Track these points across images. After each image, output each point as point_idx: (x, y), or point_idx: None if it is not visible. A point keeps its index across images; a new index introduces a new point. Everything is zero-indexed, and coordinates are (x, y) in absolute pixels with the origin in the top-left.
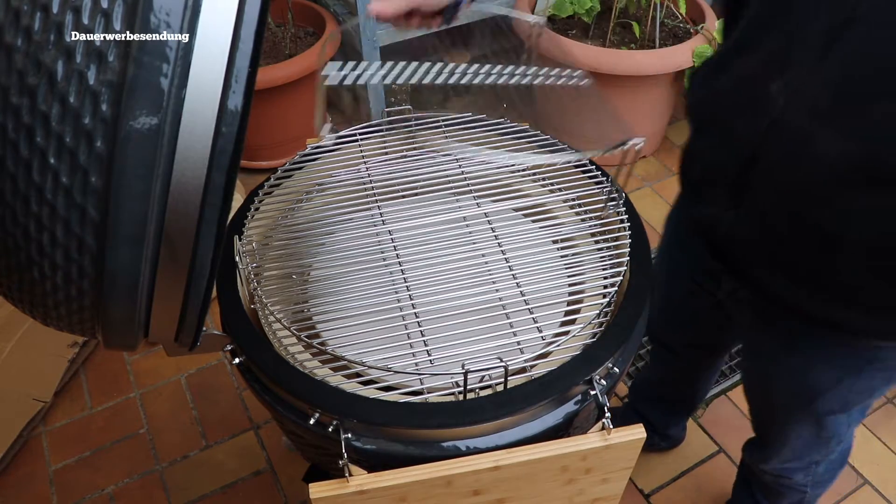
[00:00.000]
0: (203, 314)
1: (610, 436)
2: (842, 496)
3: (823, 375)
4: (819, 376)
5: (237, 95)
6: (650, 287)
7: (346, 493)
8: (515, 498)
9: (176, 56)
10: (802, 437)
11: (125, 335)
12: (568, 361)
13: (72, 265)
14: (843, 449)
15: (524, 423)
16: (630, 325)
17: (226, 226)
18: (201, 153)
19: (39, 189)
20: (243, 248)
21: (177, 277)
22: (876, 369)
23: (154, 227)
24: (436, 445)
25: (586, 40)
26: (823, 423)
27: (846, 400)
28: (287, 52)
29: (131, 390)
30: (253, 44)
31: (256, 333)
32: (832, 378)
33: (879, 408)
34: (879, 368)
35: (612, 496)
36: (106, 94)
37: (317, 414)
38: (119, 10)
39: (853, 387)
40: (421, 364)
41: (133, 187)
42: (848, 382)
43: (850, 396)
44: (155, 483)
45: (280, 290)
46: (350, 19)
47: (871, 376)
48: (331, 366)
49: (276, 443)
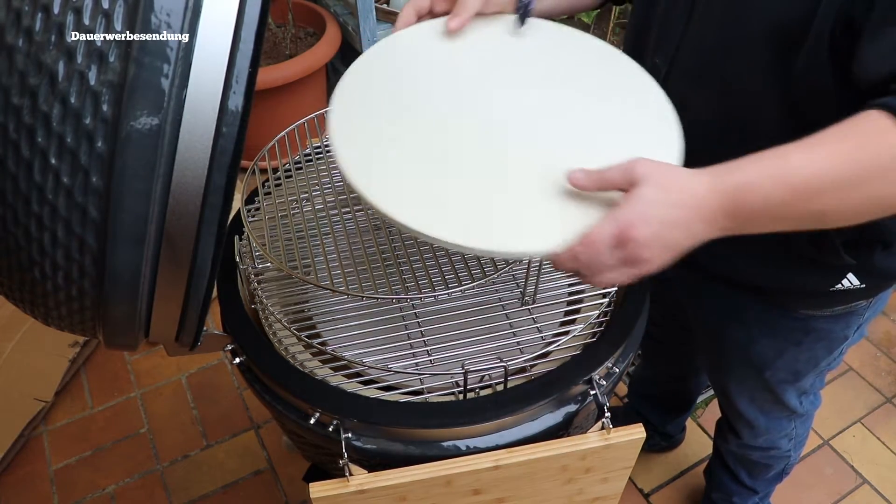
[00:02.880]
0: (203, 314)
1: (609, 435)
2: (841, 496)
3: (767, 348)
4: (763, 349)
5: (238, 96)
6: (650, 287)
7: (347, 492)
8: (515, 497)
9: (177, 56)
10: (765, 408)
11: (126, 335)
12: (568, 361)
13: (72, 265)
14: (815, 406)
15: (524, 423)
16: (630, 325)
17: (226, 226)
18: (202, 153)
19: (40, 189)
20: (243, 249)
21: (177, 277)
22: (814, 339)
23: (155, 228)
24: (436, 445)
25: None
26: (779, 393)
27: (795, 370)
28: (287, 53)
29: (132, 390)
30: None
31: (257, 333)
32: (775, 349)
33: (879, 408)
34: (817, 339)
35: (611, 496)
36: (107, 94)
37: (317, 414)
38: (120, 10)
39: (798, 357)
40: (421, 364)
41: (134, 187)
42: (791, 353)
43: (798, 366)
44: (155, 482)
45: (280, 290)
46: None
47: (810, 347)
48: (331, 366)
49: (277, 442)
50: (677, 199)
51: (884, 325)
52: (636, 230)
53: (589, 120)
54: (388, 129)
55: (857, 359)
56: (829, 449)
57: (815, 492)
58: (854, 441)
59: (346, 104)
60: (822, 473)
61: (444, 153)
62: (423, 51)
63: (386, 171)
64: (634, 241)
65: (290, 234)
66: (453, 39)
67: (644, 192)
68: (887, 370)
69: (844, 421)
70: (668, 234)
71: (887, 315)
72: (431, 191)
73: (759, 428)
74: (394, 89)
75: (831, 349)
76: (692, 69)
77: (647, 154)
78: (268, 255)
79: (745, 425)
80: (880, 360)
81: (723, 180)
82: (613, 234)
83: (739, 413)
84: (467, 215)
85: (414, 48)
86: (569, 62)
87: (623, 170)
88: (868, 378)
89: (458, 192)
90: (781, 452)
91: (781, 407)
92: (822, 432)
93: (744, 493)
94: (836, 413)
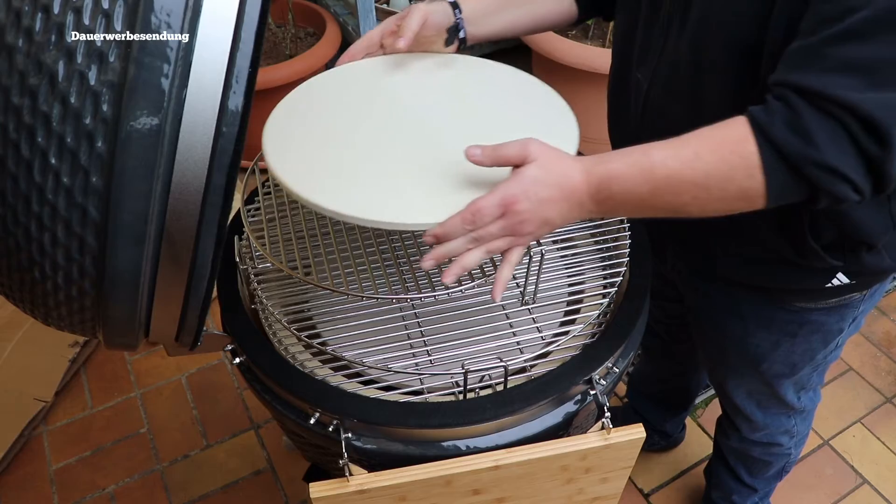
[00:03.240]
0: (204, 314)
1: (609, 435)
2: (841, 495)
3: (762, 340)
4: (759, 342)
5: (238, 96)
6: (650, 287)
7: (347, 492)
8: (515, 497)
9: (177, 56)
10: (763, 402)
11: (126, 335)
12: (568, 361)
13: (73, 265)
14: (814, 403)
15: (524, 423)
16: (630, 324)
17: (226, 226)
18: (202, 153)
19: (40, 189)
20: (243, 248)
21: (177, 277)
22: (808, 332)
23: (155, 227)
24: (436, 445)
25: (586, 41)
26: (775, 387)
27: (791, 362)
28: (287, 53)
29: (132, 390)
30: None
31: (257, 333)
32: (770, 342)
33: (879, 407)
34: (812, 331)
35: (611, 495)
36: (107, 94)
37: (317, 413)
38: (120, 10)
39: (793, 349)
40: (421, 364)
41: (134, 187)
42: (786, 346)
43: (794, 358)
44: (156, 482)
45: (280, 289)
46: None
47: (806, 339)
48: (331, 366)
49: (277, 442)
50: (555, 181)
51: (884, 325)
52: (519, 204)
53: (497, 125)
54: (315, 134)
55: (857, 359)
56: (829, 449)
57: (815, 492)
58: (854, 441)
59: (282, 115)
60: (822, 473)
61: (362, 152)
62: (361, 79)
63: (308, 166)
64: (516, 213)
65: (290, 234)
66: (388, 70)
67: (530, 171)
68: (887, 370)
69: (844, 421)
70: (544, 210)
71: (887, 315)
72: (344, 180)
73: (758, 423)
74: (325, 106)
75: (827, 341)
76: (668, 84)
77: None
78: (268, 255)
79: (743, 420)
80: (880, 360)
81: (595, 169)
82: (498, 204)
83: (737, 408)
84: (371, 197)
85: (353, 77)
86: (485, 83)
87: (518, 146)
88: (868, 378)
89: (368, 181)
90: (782, 450)
91: (779, 402)
92: (822, 432)
93: (743, 492)
94: (836, 413)
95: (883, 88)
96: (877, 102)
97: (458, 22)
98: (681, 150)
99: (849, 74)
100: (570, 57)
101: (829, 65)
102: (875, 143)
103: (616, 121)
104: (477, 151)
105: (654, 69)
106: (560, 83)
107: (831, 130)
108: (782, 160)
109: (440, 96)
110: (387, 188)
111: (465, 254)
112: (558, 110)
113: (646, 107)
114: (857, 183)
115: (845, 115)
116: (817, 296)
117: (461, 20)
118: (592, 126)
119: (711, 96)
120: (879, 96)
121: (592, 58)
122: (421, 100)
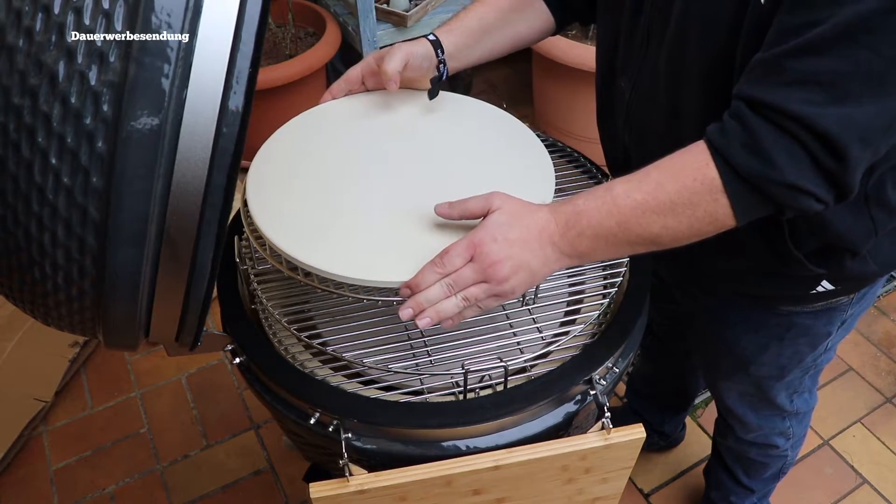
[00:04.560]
0: (204, 314)
1: (610, 435)
2: (841, 496)
3: (750, 343)
4: (747, 344)
5: (238, 96)
6: (650, 287)
7: (347, 492)
8: (515, 497)
9: (177, 56)
10: (755, 405)
11: (126, 335)
12: (568, 361)
13: (73, 265)
14: (809, 405)
15: (524, 423)
16: (630, 325)
17: (226, 226)
18: (202, 153)
19: (41, 189)
20: (243, 248)
21: (178, 277)
22: (796, 335)
23: (155, 228)
24: (436, 445)
25: (586, 41)
26: (765, 389)
27: (779, 364)
28: (287, 53)
29: (132, 390)
30: (254, 44)
31: (257, 333)
32: (758, 344)
33: (879, 407)
34: (799, 334)
35: (611, 496)
36: (107, 94)
37: (317, 414)
38: (120, 10)
39: (781, 352)
40: (421, 364)
41: (134, 187)
42: (774, 348)
43: (782, 361)
44: (155, 482)
45: (280, 289)
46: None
47: (793, 342)
48: (331, 366)
49: (277, 442)
50: (522, 222)
51: (884, 325)
52: (486, 245)
53: (476, 174)
54: (294, 180)
55: (857, 359)
56: (829, 449)
57: (815, 492)
58: (854, 441)
59: (264, 160)
60: (822, 473)
61: (341, 201)
62: (340, 121)
63: (284, 214)
64: (485, 254)
65: None
66: (369, 111)
67: (494, 216)
68: (887, 370)
69: (844, 421)
70: (516, 252)
71: (887, 315)
72: (318, 229)
73: (751, 424)
74: (305, 149)
75: (815, 344)
76: (649, 93)
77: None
78: (267, 256)
79: (736, 421)
80: (880, 360)
81: (561, 208)
82: (466, 247)
83: (730, 409)
84: (342, 249)
85: (334, 118)
86: (467, 127)
87: (481, 199)
88: (868, 378)
89: (342, 230)
90: (779, 451)
91: (770, 404)
92: (822, 432)
93: (741, 493)
94: (836, 413)
95: (841, 103)
96: (834, 117)
97: (440, 62)
98: (643, 182)
99: (807, 88)
100: (570, 57)
101: (788, 78)
102: (831, 157)
103: (603, 126)
104: (444, 207)
105: (636, 78)
106: (560, 83)
107: (788, 147)
108: (743, 182)
109: (419, 142)
110: (362, 242)
111: (442, 301)
112: (536, 155)
113: (629, 114)
114: (819, 195)
115: (801, 131)
116: (803, 300)
117: (444, 60)
118: (592, 126)
119: (690, 107)
120: (837, 111)
121: (592, 58)
122: (400, 145)
